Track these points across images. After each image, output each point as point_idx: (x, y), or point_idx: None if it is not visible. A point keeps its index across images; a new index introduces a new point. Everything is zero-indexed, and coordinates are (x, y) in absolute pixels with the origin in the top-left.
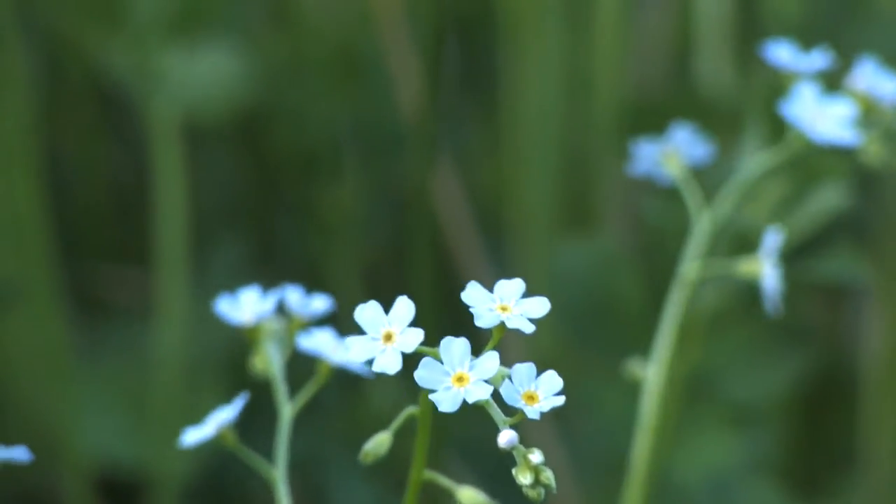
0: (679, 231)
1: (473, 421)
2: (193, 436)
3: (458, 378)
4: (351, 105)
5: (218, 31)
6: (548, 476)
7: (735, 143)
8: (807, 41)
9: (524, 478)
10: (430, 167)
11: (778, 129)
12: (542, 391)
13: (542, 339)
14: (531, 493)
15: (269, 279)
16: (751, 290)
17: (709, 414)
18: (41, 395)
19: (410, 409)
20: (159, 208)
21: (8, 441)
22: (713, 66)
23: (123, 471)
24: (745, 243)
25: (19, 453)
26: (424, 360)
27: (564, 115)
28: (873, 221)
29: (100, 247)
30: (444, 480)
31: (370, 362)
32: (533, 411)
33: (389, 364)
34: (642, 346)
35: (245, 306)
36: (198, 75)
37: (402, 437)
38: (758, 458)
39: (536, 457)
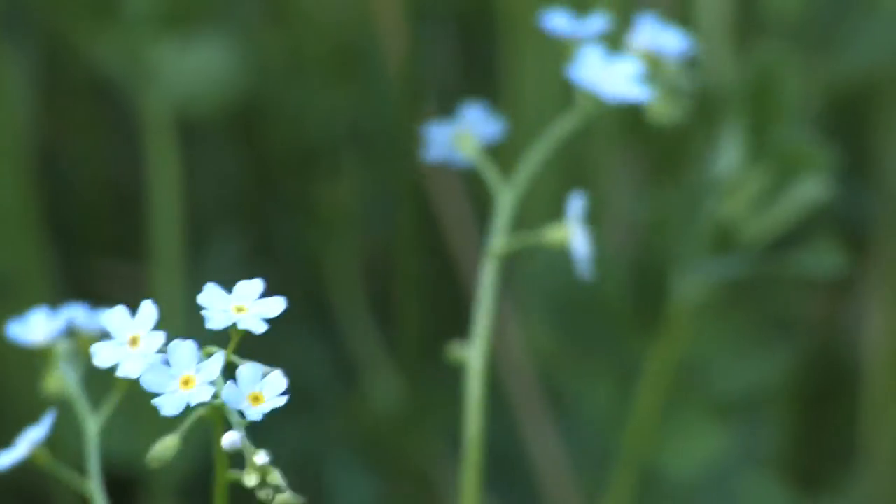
0: (669, 226)
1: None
2: (6, 458)
3: (184, 381)
4: (348, 100)
5: (213, 25)
6: (275, 476)
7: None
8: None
9: (250, 479)
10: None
11: (760, 123)
12: (267, 392)
13: (538, 336)
14: (260, 495)
15: (265, 275)
16: (738, 282)
17: (697, 405)
18: (35, 389)
19: (200, 411)
20: (154, 203)
21: (2, 436)
22: (713, 59)
23: (118, 467)
24: (726, 239)
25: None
26: (149, 364)
27: (563, 109)
28: (868, 214)
29: (94, 242)
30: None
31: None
32: (256, 413)
33: (132, 369)
34: (629, 343)
35: (35, 327)
36: (192, 70)
37: (403, 433)
38: (753, 451)
39: (261, 458)
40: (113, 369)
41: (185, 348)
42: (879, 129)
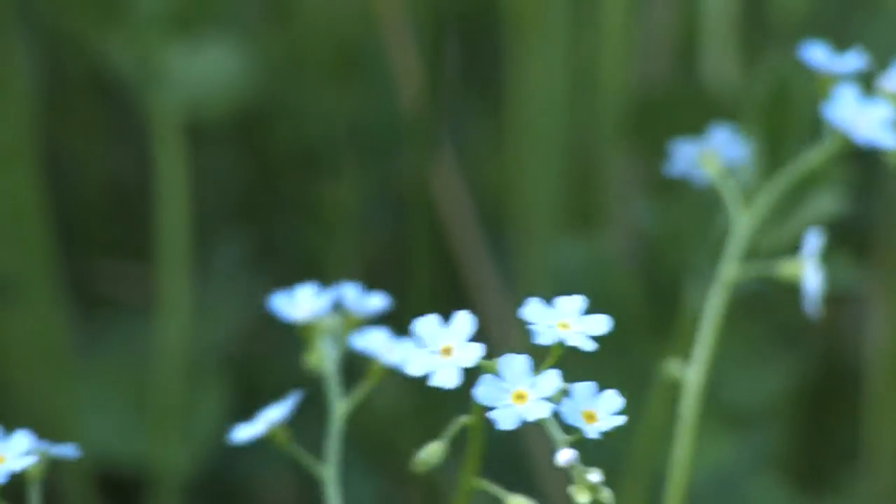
0: (676, 232)
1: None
2: (244, 433)
3: (517, 395)
4: (351, 102)
5: (219, 27)
6: (606, 495)
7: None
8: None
9: (582, 497)
10: (430, 160)
11: (776, 134)
12: (601, 410)
13: None
14: None
15: (269, 275)
16: (748, 292)
17: (707, 413)
18: (41, 390)
19: (465, 420)
20: (161, 204)
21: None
22: (719, 62)
23: (124, 467)
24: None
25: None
26: (484, 377)
27: (569, 111)
28: (873, 222)
29: (101, 242)
30: (494, 489)
31: (428, 376)
32: (593, 430)
33: (448, 379)
34: (638, 346)
35: (301, 303)
36: (199, 72)
37: (403, 433)
38: (760, 456)
39: (595, 476)
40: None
41: (518, 362)
42: None
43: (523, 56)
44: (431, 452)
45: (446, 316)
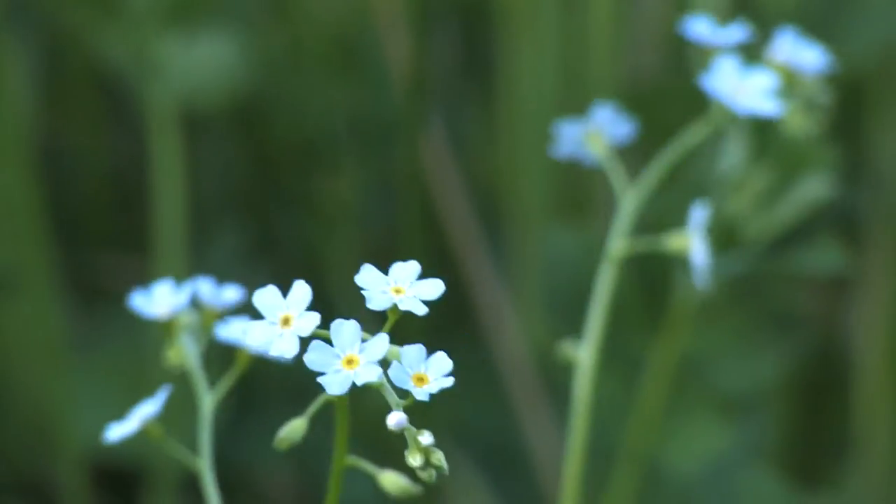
0: (665, 221)
1: (467, 410)
2: (117, 431)
3: (347, 360)
4: (349, 95)
5: (216, 19)
6: (438, 458)
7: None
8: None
9: (414, 459)
10: (420, 146)
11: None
12: (431, 373)
13: (538, 330)
14: (422, 475)
15: (267, 268)
16: (739, 280)
17: (699, 402)
18: (38, 384)
19: (326, 395)
20: (158, 197)
21: (5, 430)
22: (708, 54)
23: (121, 460)
24: (730, 236)
25: None
26: (313, 343)
27: (560, 103)
28: (865, 210)
29: (98, 235)
30: (367, 466)
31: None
32: (422, 393)
33: (287, 348)
34: (631, 334)
35: (159, 300)
36: (196, 64)
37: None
38: (752, 446)
39: (426, 438)
40: (232, 347)
41: (348, 328)
42: (875, 122)
43: (515, 49)
44: (293, 429)
45: (446, 308)
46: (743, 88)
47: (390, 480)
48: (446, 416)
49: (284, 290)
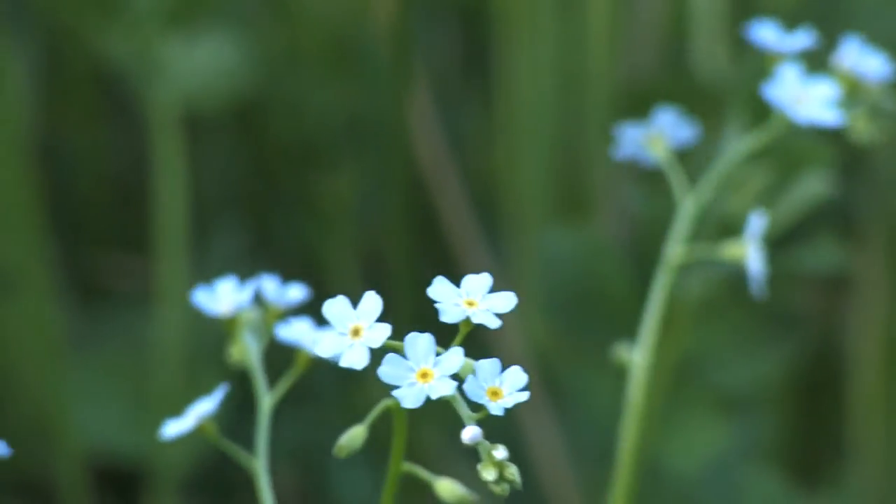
0: (666, 218)
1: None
2: (174, 428)
3: (422, 374)
4: (348, 95)
5: (217, 20)
6: (512, 472)
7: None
8: (800, 25)
9: (488, 474)
10: (407, 93)
11: (761, 112)
12: (506, 387)
13: (537, 330)
14: (496, 489)
15: (267, 267)
16: (739, 277)
17: (698, 400)
18: (38, 383)
19: (386, 402)
20: (159, 196)
21: (4, 428)
22: (707, 52)
23: (122, 460)
24: (730, 231)
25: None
26: (388, 356)
27: (558, 101)
28: (862, 209)
29: (99, 234)
30: (423, 473)
31: (339, 357)
32: (497, 407)
33: (357, 359)
34: (631, 332)
35: (222, 297)
36: (197, 64)
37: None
38: (751, 445)
39: (500, 453)
40: (296, 348)
41: (422, 341)
42: None
43: (514, 47)
44: (353, 437)
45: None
46: (805, 97)
47: (447, 488)
48: (445, 416)
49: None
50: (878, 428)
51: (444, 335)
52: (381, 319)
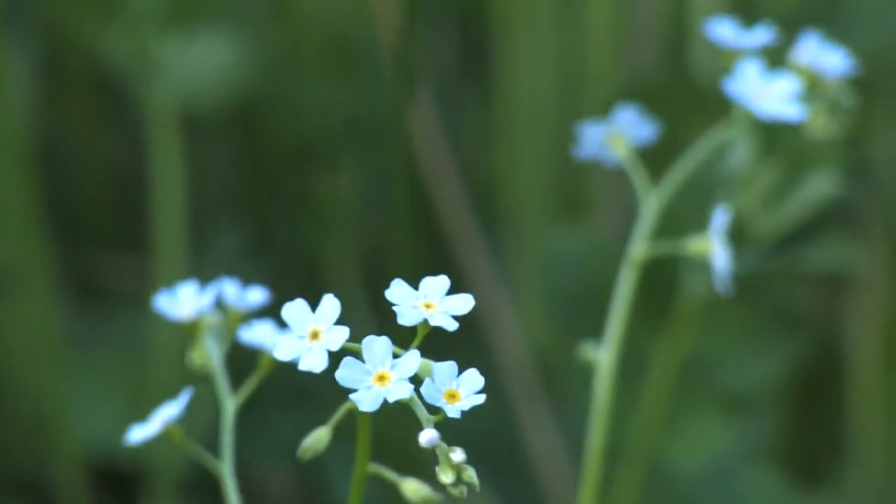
0: (672, 218)
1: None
2: (139, 433)
3: (379, 377)
4: (347, 94)
5: (215, 19)
6: (470, 474)
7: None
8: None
9: (446, 476)
10: (408, 93)
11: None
12: (463, 389)
13: (537, 329)
14: (454, 492)
15: (265, 267)
16: (744, 278)
17: (702, 401)
18: (37, 383)
19: (349, 405)
20: (157, 196)
21: (3, 428)
22: (707, 52)
23: (120, 460)
24: (737, 233)
25: None
26: (345, 360)
27: (559, 101)
28: (865, 208)
29: (98, 234)
30: (388, 474)
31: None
32: (454, 410)
33: (315, 362)
34: (631, 333)
35: (183, 301)
36: (195, 64)
37: (398, 427)
38: (753, 445)
39: (458, 455)
40: (257, 350)
41: (379, 344)
42: (872, 120)
43: (514, 46)
44: (317, 439)
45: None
46: (765, 93)
47: (412, 489)
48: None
49: (282, 289)
50: (878, 427)
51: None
52: (340, 322)
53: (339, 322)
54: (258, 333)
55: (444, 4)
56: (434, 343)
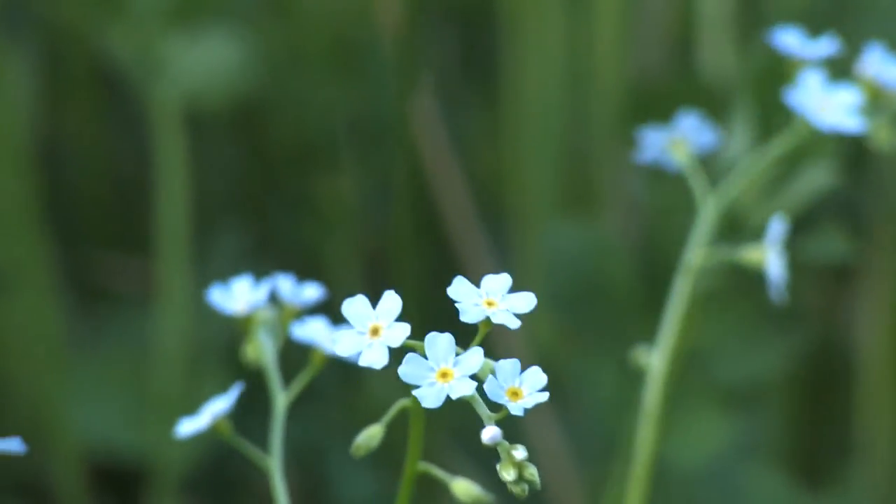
0: (676, 212)
1: (470, 410)
2: (189, 427)
3: (442, 374)
4: (349, 94)
5: (219, 18)
6: (532, 472)
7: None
8: (809, 27)
9: (508, 474)
10: (411, 91)
11: (768, 112)
12: (526, 387)
13: (541, 328)
14: (515, 489)
15: (268, 268)
16: (745, 273)
17: (704, 396)
18: (37, 383)
19: (403, 402)
20: (160, 196)
21: (4, 429)
22: (715, 52)
23: (121, 460)
24: (734, 224)
25: (14, 445)
26: (408, 356)
27: (565, 101)
28: (868, 202)
29: (100, 234)
30: (439, 472)
31: (358, 356)
32: (517, 407)
33: (376, 358)
34: (636, 329)
35: (238, 296)
36: (198, 63)
37: (401, 426)
38: (755, 441)
39: (520, 453)
40: (307, 346)
41: (442, 340)
42: None
43: (520, 45)
44: (370, 436)
45: (446, 308)
46: (827, 104)
47: (462, 488)
48: (448, 415)
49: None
50: (883, 425)
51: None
52: (401, 319)
53: (400, 319)
54: (311, 330)
55: (447, 3)
56: None
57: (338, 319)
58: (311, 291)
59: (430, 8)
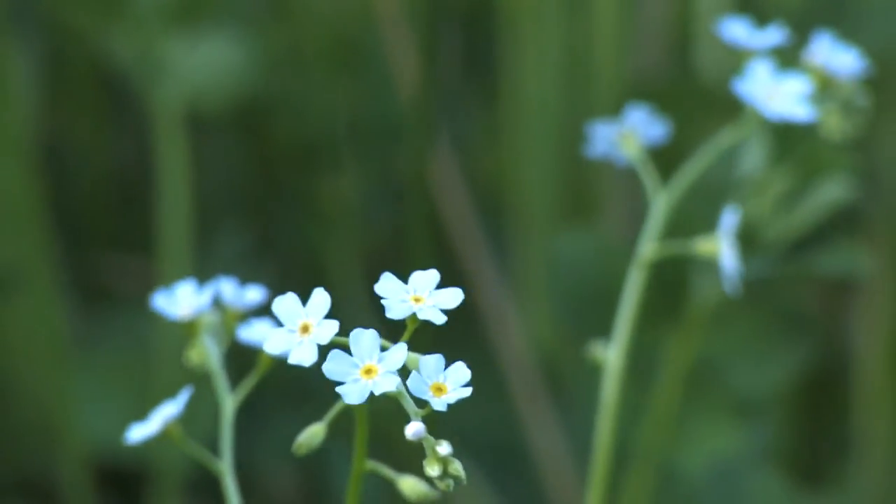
0: (679, 221)
1: (471, 411)
2: (138, 432)
3: (366, 370)
4: (351, 95)
5: (220, 19)
6: (456, 467)
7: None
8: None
9: (432, 469)
10: (428, 151)
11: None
12: (450, 382)
13: (542, 331)
14: (440, 485)
15: (269, 268)
16: (753, 281)
17: (711, 403)
18: (41, 383)
19: (342, 402)
20: (162, 197)
21: (8, 429)
22: (713, 52)
23: (125, 460)
24: (749, 238)
25: None
26: (332, 353)
27: (564, 102)
28: (867, 211)
29: (103, 235)
30: (386, 471)
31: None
32: (440, 403)
33: (305, 356)
34: (641, 337)
35: (182, 300)
36: (200, 64)
37: (400, 427)
38: (760, 448)
39: (444, 448)
40: (256, 348)
41: (367, 337)
42: (877, 122)
43: (519, 48)
44: (311, 434)
45: (447, 309)
46: (776, 93)
47: (409, 486)
48: (449, 417)
49: (286, 290)
50: (883, 429)
51: (453, 334)
52: (331, 316)
53: (330, 316)
54: (257, 332)
55: (447, 4)
56: (436, 344)
57: (340, 318)
58: (254, 294)
59: (430, 9)
